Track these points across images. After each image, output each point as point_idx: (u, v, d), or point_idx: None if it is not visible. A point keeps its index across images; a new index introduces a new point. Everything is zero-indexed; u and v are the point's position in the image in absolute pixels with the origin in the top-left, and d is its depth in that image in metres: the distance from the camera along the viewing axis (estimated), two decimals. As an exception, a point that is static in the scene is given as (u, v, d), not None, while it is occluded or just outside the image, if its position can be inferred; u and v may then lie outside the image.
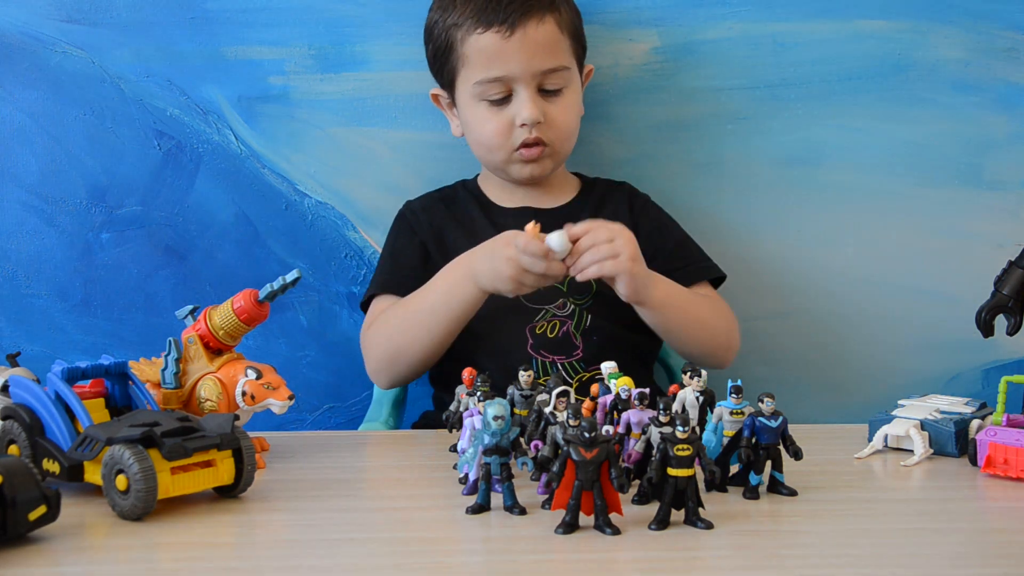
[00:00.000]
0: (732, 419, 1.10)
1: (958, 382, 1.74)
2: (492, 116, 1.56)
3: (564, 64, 1.55)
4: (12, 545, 0.95)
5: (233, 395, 1.21)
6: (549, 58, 1.53)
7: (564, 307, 1.55)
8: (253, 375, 1.21)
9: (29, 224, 1.75)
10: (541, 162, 1.58)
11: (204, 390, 1.23)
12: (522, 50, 1.52)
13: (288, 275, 1.24)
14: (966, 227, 1.73)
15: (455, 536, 1.00)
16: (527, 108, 1.53)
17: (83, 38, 1.72)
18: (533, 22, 1.52)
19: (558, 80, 1.55)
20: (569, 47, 1.57)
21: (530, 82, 1.53)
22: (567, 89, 1.56)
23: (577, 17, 1.61)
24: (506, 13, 1.52)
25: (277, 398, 1.19)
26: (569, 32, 1.57)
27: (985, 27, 1.70)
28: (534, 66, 1.53)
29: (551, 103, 1.55)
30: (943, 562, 0.93)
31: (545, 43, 1.53)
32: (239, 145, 1.74)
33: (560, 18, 1.55)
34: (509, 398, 1.18)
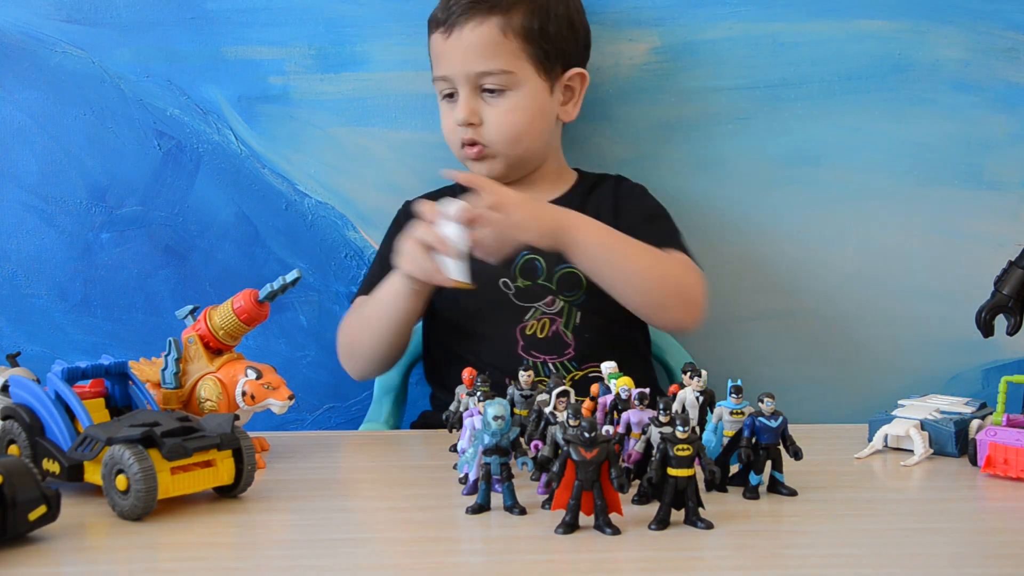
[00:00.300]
0: (732, 419, 1.10)
1: (958, 382, 1.74)
2: (446, 113, 1.60)
3: (503, 67, 1.54)
4: (12, 545, 0.95)
5: (233, 395, 1.21)
6: (483, 60, 1.54)
7: (553, 304, 1.55)
8: (253, 375, 1.21)
9: (29, 224, 1.75)
10: (486, 163, 1.59)
11: (204, 390, 1.23)
12: (456, 51, 1.55)
13: (288, 275, 1.24)
14: (966, 227, 1.73)
15: (455, 536, 1.00)
16: (458, 109, 1.56)
17: (83, 38, 1.72)
18: (471, 24, 1.54)
19: (497, 82, 1.54)
20: (519, 50, 1.55)
21: (465, 83, 1.55)
22: (512, 92, 1.55)
23: (545, 20, 1.56)
24: (448, 14, 1.56)
25: (277, 398, 1.20)
26: (521, 35, 1.54)
27: (985, 27, 1.70)
28: (467, 67, 1.54)
29: (490, 105, 1.56)
30: (943, 562, 0.93)
31: (481, 45, 1.54)
32: (239, 145, 1.74)
33: (507, 21, 1.54)
34: (509, 398, 1.18)
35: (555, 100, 1.60)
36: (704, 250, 1.74)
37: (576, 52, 1.62)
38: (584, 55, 1.64)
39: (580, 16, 1.63)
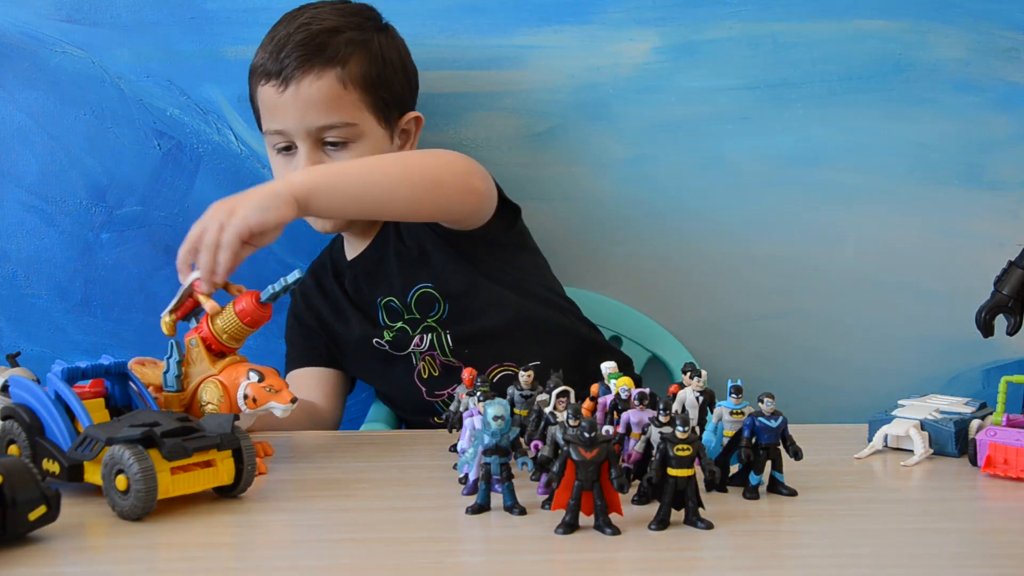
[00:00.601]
0: (732, 419, 1.10)
1: (958, 382, 1.74)
2: (282, 166, 1.55)
3: (345, 120, 1.50)
4: (12, 545, 0.95)
5: (235, 398, 1.21)
6: (324, 114, 1.50)
7: (422, 343, 1.54)
8: (255, 378, 1.20)
9: (29, 224, 1.75)
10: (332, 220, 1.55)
11: (206, 393, 1.22)
12: (294, 105, 1.50)
13: (289, 276, 1.24)
14: (966, 227, 1.73)
15: (455, 536, 1.00)
16: (301, 165, 1.51)
17: (83, 38, 1.72)
18: (308, 77, 1.49)
19: (340, 135, 1.51)
20: (360, 101, 1.52)
21: (306, 138, 1.51)
22: (354, 144, 1.52)
23: (382, 67, 1.54)
24: (281, 66, 1.50)
25: (279, 401, 1.19)
26: (361, 85, 1.51)
27: (985, 27, 1.70)
28: (307, 122, 1.50)
29: (333, 157, 1.52)
30: (943, 562, 0.93)
31: (320, 99, 1.49)
32: (239, 145, 1.74)
33: (345, 72, 1.50)
34: (509, 398, 1.18)
35: (394, 146, 1.58)
36: (704, 250, 1.75)
37: (410, 95, 1.61)
38: (415, 96, 1.63)
39: (409, 58, 1.61)
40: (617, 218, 1.74)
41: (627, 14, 1.71)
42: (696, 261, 1.75)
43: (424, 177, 1.41)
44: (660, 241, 1.74)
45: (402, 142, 1.59)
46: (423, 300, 1.53)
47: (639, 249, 1.74)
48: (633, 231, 1.74)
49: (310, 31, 1.51)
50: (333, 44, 1.51)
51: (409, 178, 1.40)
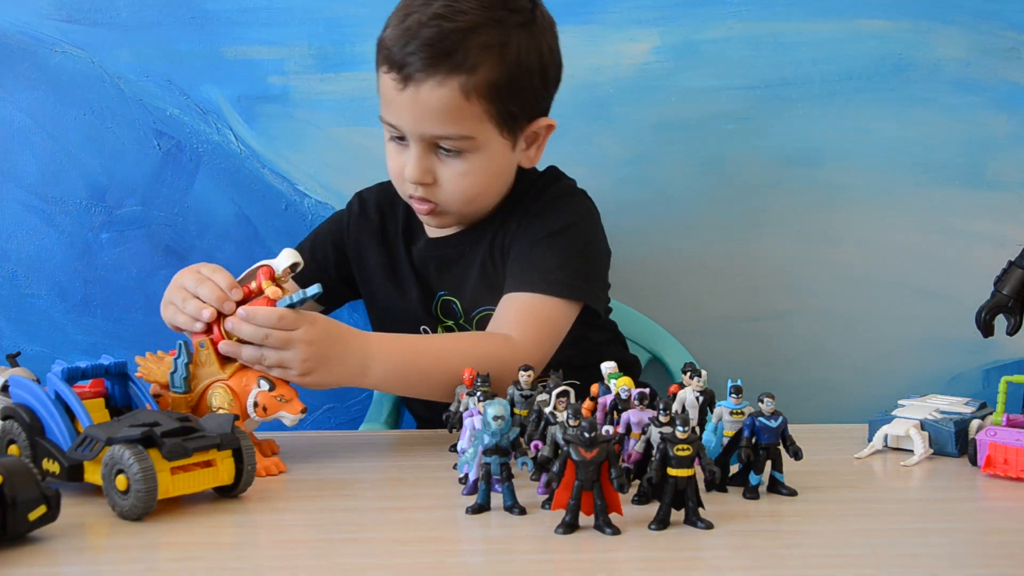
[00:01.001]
0: (732, 419, 1.10)
1: (958, 382, 1.74)
2: (395, 153, 1.45)
3: (462, 133, 1.38)
4: (12, 545, 0.95)
5: (245, 405, 1.20)
6: (440, 124, 1.38)
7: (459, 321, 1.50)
8: (266, 386, 1.19)
9: (29, 224, 1.75)
10: (436, 217, 1.46)
11: (215, 398, 1.22)
12: (411, 109, 1.38)
13: (309, 289, 1.22)
14: (966, 227, 1.73)
15: (455, 536, 1.00)
16: (410, 168, 1.41)
17: (83, 38, 1.72)
18: (430, 83, 1.36)
19: (455, 146, 1.39)
20: (482, 113, 1.38)
21: (419, 140, 1.40)
22: (471, 154, 1.40)
23: (516, 74, 1.40)
24: (406, 60, 1.36)
25: (289, 411, 1.18)
26: (487, 96, 1.38)
27: (985, 27, 1.70)
28: (421, 128, 1.38)
29: (445, 164, 1.41)
30: (943, 562, 0.93)
31: (438, 108, 1.36)
32: (239, 145, 1.74)
33: (471, 81, 1.36)
34: (509, 398, 1.18)
35: (517, 152, 1.46)
36: (704, 250, 1.75)
37: (545, 100, 1.48)
38: (550, 99, 1.50)
39: (552, 56, 1.47)
40: (617, 218, 1.73)
41: (627, 14, 1.71)
42: (696, 261, 1.75)
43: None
44: (660, 241, 1.74)
45: (527, 145, 1.47)
46: (485, 321, 1.46)
47: (639, 249, 1.74)
48: (633, 231, 1.74)
49: (441, 29, 1.36)
50: (463, 49, 1.36)
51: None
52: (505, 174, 1.48)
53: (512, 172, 1.49)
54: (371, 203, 1.58)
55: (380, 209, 1.57)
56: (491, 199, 1.48)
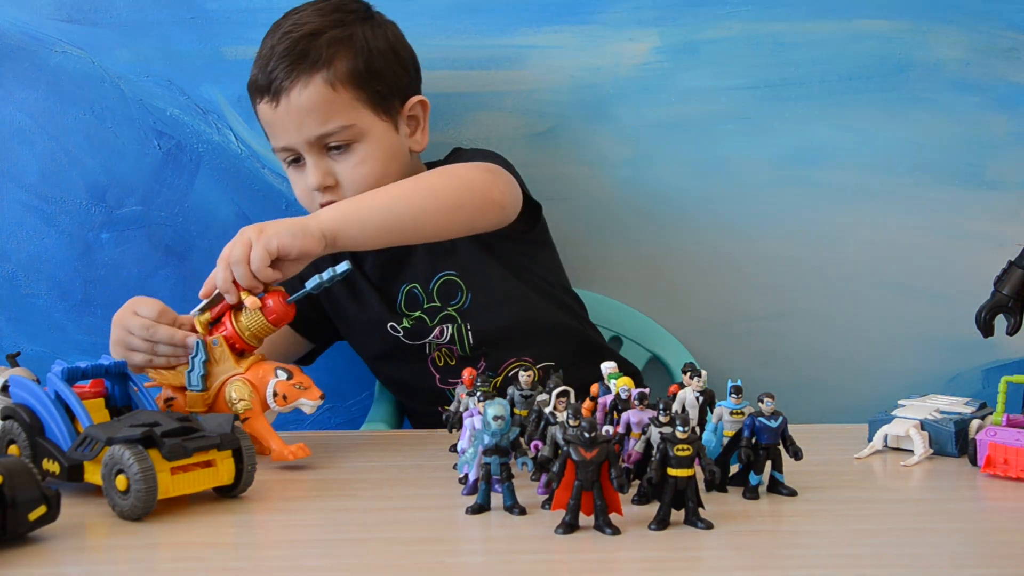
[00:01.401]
0: (732, 419, 1.10)
1: (958, 382, 1.74)
2: (296, 179, 1.53)
3: (341, 123, 1.47)
4: (12, 545, 0.95)
5: (264, 395, 1.22)
6: (319, 122, 1.46)
7: (442, 335, 1.53)
8: (284, 375, 1.21)
9: (29, 224, 1.75)
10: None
11: (235, 391, 1.23)
12: (289, 118, 1.47)
13: (339, 267, 1.24)
14: (966, 227, 1.73)
15: (455, 536, 1.00)
16: (309, 175, 1.49)
17: (83, 38, 1.72)
18: (296, 88, 1.46)
19: (341, 138, 1.48)
20: (353, 100, 1.48)
21: (308, 148, 1.48)
22: (358, 144, 1.49)
23: (370, 60, 1.50)
24: (269, 80, 1.47)
25: (309, 398, 1.20)
26: (351, 83, 1.47)
27: (985, 27, 1.70)
28: (304, 133, 1.47)
29: (339, 162, 1.49)
30: (943, 562, 0.93)
31: (312, 107, 1.46)
32: (239, 145, 1.74)
33: (331, 74, 1.46)
34: (509, 398, 1.18)
35: (402, 135, 1.54)
36: (704, 250, 1.75)
37: (409, 81, 1.56)
38: (417, 80, 1.58)
39: (401, 42, 1.57)
40: (617, 218, 1.74)
41: (627, 14, 1.71)
42: (696, 261, 1.75)
43: (447, 201, 1.38)
44: (660, 241, 1.74)
45: (411, 129, 1.56)
46: (446, 288, 1.53)
47: (639, 249, 1.74)
48: (633, 231, 1.74)
49: (291, 39, 1.48)
50: (315, 48, 1.47)
51: (432, 204, 1.37)
52: (397, 158, 1.54)
53: (404, 156, 1.55)
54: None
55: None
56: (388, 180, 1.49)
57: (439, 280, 1.53)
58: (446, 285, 1.53)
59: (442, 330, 1.53)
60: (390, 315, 1.55)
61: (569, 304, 1.62)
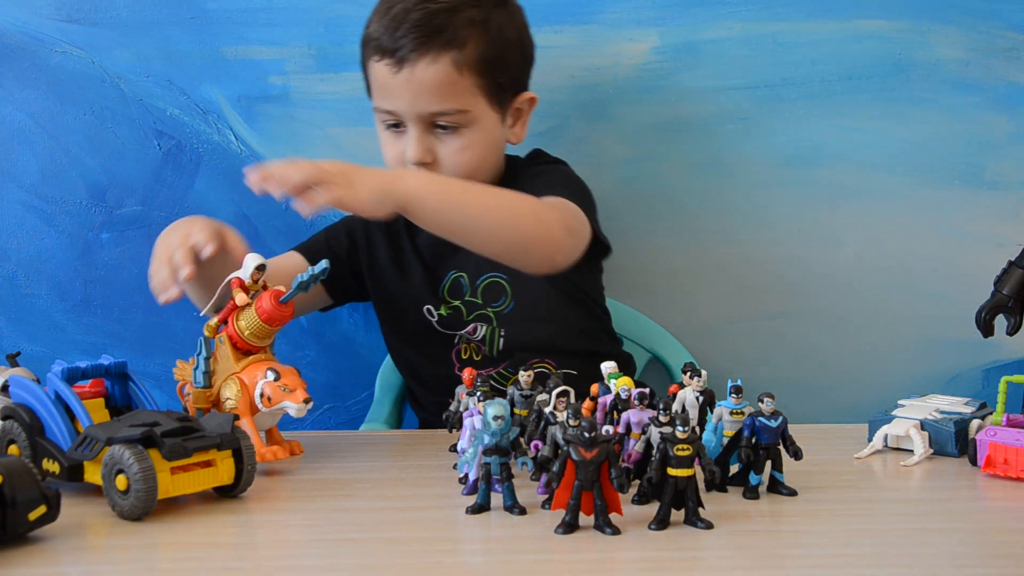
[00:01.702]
0: (732, 419, 1.10)
1: (958, 382, 1.74)
2: (391, 142, 1.52)
3: (458, 107, 1.46)
4: (12, 545, 0.95)
5: (252, 396, 1.21)
6: (437, 100, 1.45)
7: (475, 332, 1.53)
8: (271, 376, 1.20)
9: (29, 224, 1.75)
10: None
11: (226, 389, 1.24)
12: (407, 89, 1.45)
13: (316, 267, 1.23)
14: (966, 227, 1.73)
15: (455, 536, 1.00)
16: (411, 148, 1.48)
17: (83, 38, 1.72)
18: (423, 61, 1.44)
19: (451, 120, 1.47)
20: (474, 86, 1.47)
21: (417, 121, 1.47)
22: (466, 129, 1.48)
23: (500, 48, 1.49)
24: (397, 45, 1.44)
25: (293, 401, 1.18)
26: (477, 70, 1.46)
27: (985, 27, 1.70)
28: (418, 107, 1.46)
29: (444, 142, 1.48)
30: (943, 562, 0.93)
31: (434, 84, 1.44)
32: (239, 145, 1.74)
33: (462, 56, 1.45)
34: (509, 398, 1.18)
35: (506, 127, 1.55)
36: (704, 250, 1.75)
37: (526, 75, 1.56)
38: (529, 75, 1.58)
39: (527, 33, 1.56)
40: (617, 218, 1.73)
41: (627, 14, 1.71)
42: (696, 261, 1.75)
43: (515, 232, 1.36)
44: (660, 241, 1.74)
45: (513, 121, 1.55)
46: (491, 288, 1.53)
47: (639, 249, 1.74)
48: (633, 231, 1.74)
49: (428, 10, 1.45)
50: (451, 26, 1.45)
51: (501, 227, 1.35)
52: (497, 149, 1.55)
53: (503, 148, 1.56)
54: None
55: None
56: (486, 174, 1.53)
57: (486, 279, 1.54)
58: (492, 286, 1.54)
59: (476, 327, 1.53)
60: (431, 298, 1.55)
61: (604, 322, 1.63)
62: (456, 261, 1.55)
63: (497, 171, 1.57)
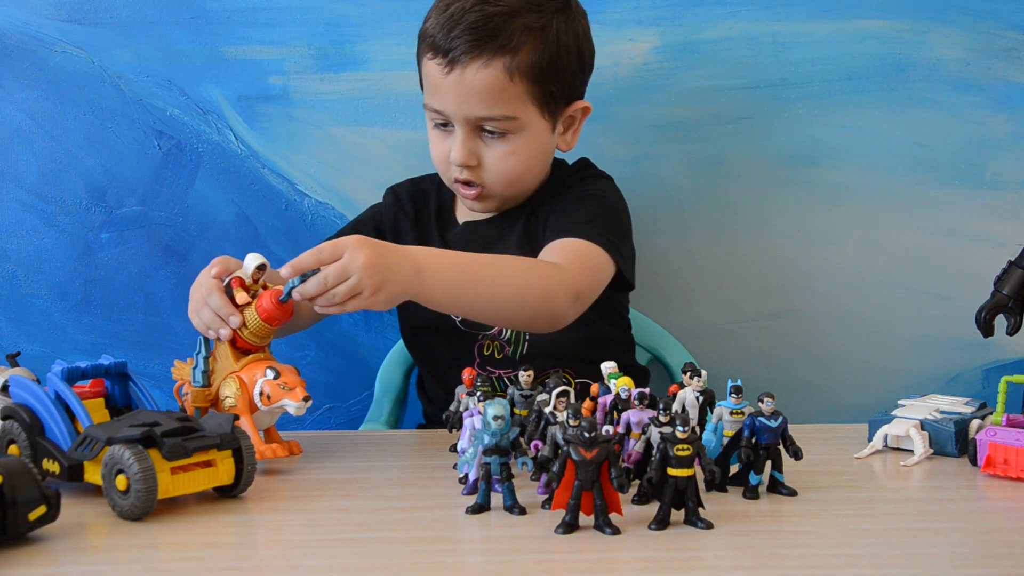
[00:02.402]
0: (732, 419, 1.10)
1: (958, 382, 1.74)
2: (438, 140, 1.50)
3: (507, 114, 1.44)
4: (12, 545, 0.95)
5: (251, 394, 1.21)
6: (485, 106, 1.43)
7: (502, 332, 1.52)
8: (271, 375, 1.20)
9: (29, 224, 1.75)
10: (482, 201, 1.51)
11: (225, 388, 1.24)
12: (457, 91, 1.43)
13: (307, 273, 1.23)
14: (966, 227, 1.73)
15: (455, 536, 1.00)
16: (455, 150, 1.46)
17: (83, 38, 1.72)
18: (475, 65, 1.41)
19: (501, 126, 1.45)
20: (525, 93, 1.44)
21: (464, 124, 1.45)
22: (514, 135, 1.46)
23: (555, 56, 1.46)
24: (451, 45, 1.42)
25: (292, 399, 1.18)
26: (529, 77, 1.43)
27: (985, 27, 1.70)
28: (466, 110, 1.44)
29: (489, 146, 1.47)
30: (943, 562, 0.93)
31: (484, 89, 1.42)
32: (239, 145, 1.74)
33: (515, 62, 1.42)
34: (509, 398, 1.18)
35: (556, 134, 1.53)
36: (704, 250, 1.75)
37: (581, 83, 1.53)
38: (585, 83, 1.55)
39: (587, 42, 1.53)
40: (617, 218, 1.73)
41: (627, 14, 1.71)
42: (696, 261, 1.75)
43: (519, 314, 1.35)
44: (660, 241, 1.74)
45: (564, 128, 1.53)
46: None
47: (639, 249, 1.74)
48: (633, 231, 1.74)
49: (485, 13, 1.42)
50: (507, 30, 1.42)
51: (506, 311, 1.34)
52: (545, 156, 1.54)
53: (551, 155, 1.55)
54: (404, 195, 1.62)
55: (414, 200, 1.62)
56: (532, 181, 1.53)
57: None
58: None
59: (500, 329, 1.51)
60: None
61: (627, 333, 1.63)
62: None
63: (543, 177, 1.55)
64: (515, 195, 1.53)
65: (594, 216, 1.48)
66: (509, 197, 1.53)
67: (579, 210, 1.49)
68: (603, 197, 1.55)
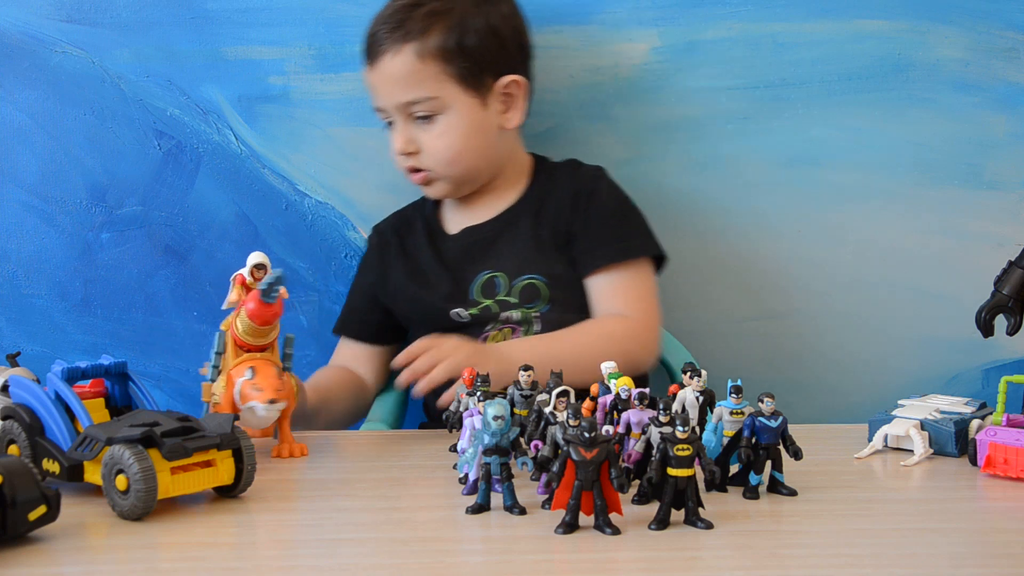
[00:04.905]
0: (732, 419, 1.10)
1: (958, 382, 1.74)
2: (391, 140, 1.59)
3: (426, 94, 1.53)
4: (12, 545, 0.95)
5: (232, 393, 1.21)
6: (405, 90, 1.53)
7: (509, 319, 1.55)
8: (248, 375, 1.21)
9: (29, 224, 1.75)
10: (433, 186, 1.60)
11: (216, 386, 1.25)
12: (381, 83, 1.55)
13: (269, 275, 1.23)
14: (966, 227, 1.73)
15: (455, 536, 1.00)
16: (394, 140, 1.57)
17: (83, 38, 1.72)
18: (388, 55, 1.53)
19: (425, 108, 1.54)
20: (441, 73, 1.53)
21: (396, 113, 1.55)
22: (441, 116, 1.54)
23: (463, 35, 1.53)
24: (371, 46, 1.56)
25: (259, 400, 1.19)
26: (439, 57, 1.52)
27: (985, 27, 1.70)
28: (392, 98, 1.55)
29: (423, 130, 1.55)
30: (943, 562, 0.93)
31: (400, 75, 1.53)
32: (239, 145, 1.74)
33: (422, 46, 1.52)
34: (509, 398, 1.18)
35: (492, 111, 1.57)
36: (704, 250, 1.75)
37: (507, 59, 1.58)
38: (520, 59, 1.60)
39: (507, 21, 1.59)
40: (617, 218, 1.73)
41: (627, 14, 1.71)
42: (696, 261, 1.75)
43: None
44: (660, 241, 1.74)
45: (504, 107, 1.58)
46: (528, 289, 1.56)
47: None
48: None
49: (395, 7, 1.56)
50: (412, 18, 1.53)
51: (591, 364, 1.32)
52: (483, 133, 1.57)
53: (491, 132, 1.58)
54: (387, 230, 1.69)
55: (397, 231, 1.67)
56: (473, 158, 1.58)
57: (525, 280, 1.56)
58: (529, 287, 1.56)
59: (509, 316, 1.55)
60: (459, 301, 1.57)
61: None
62: (489, 262, 1.58)
63: (493, 157, 1.60)
64: (463, 175, 1.58)
65: (624, 228, 1.59)
66: (457, 178, 1.58)
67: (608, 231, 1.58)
68: (615, 200, 1.62)
